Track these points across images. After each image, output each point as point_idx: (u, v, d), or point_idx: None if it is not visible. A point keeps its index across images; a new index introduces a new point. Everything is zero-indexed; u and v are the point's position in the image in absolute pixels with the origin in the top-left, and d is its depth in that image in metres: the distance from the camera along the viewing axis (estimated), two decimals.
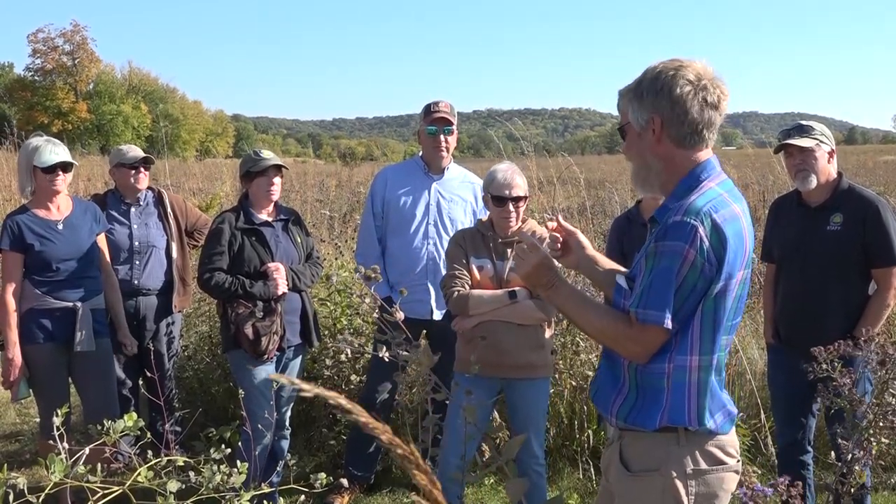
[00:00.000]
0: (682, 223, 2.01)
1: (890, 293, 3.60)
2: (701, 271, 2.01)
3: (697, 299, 2.05)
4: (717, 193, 2.09)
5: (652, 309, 2.03)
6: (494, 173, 3.72)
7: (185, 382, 5.63)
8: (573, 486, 4.66)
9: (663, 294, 2.02)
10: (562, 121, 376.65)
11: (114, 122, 67.91)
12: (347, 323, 5.33)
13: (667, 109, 2.09)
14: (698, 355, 2.10)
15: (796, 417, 3.87)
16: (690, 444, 2.13)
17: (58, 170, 4.05)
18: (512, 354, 3.63)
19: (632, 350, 2.12)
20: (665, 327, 2.03)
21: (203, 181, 15.10)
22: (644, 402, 2.14)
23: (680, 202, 2.08)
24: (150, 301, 4.80)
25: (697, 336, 2.09)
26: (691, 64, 2.11)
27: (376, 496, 4.63)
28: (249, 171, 4.10)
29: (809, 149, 3.63)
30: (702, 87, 2.08)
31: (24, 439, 5.53)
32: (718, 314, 2.09)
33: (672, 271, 2.01)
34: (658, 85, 2.10)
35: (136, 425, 2.26)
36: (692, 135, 2.11)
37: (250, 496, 2.28)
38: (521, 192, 3.68)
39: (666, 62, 2.13)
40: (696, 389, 2.11)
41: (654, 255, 2.06)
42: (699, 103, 2.08)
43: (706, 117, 2.10)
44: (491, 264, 3.72)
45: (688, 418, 2.11)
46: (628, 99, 2.18)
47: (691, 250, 1.99)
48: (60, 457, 2.00)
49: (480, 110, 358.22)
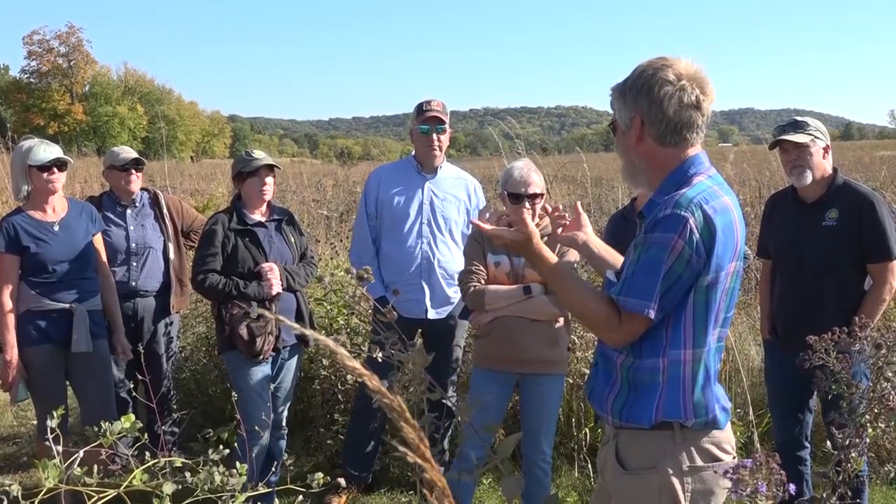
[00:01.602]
0: (673, 215, 2.02)
1: (885, 288, 3.61)
2: (688, 262, 2.01)
3: (683, 290, 2.05)
4: (708, 186, 2.09)
5: (635, 297, 2.04)
6: (511, 171, 3.73)
7: (182, 383, 5.62)
8: (571, 485, 4.66)
9: (648, 283, 2.02)
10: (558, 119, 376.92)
11: (110, 123, 67.88)
12: (344, 323, 5.33)
13: (646, 109, 2.11)
14: (692, 349, 2.10)
15: (793, 413, 3.88)
16: (686, 441, 2.13)
17: (53, 167, 4.04)
18: (527, 349, 3.64)
19: (610, 336, 2.13)
20: (647, 316, 2.03)
21: (199, 182, 15.08)
22: (637, 397, 2.14)
23: (669, 196, 2.08)
24: (147, 303, 4.80)
25: (690, 329, 2.09)
26: (675, 63, 2.11)
27: (374, 496, 4.62)
28: (241, 172, 4.09)
29: (804, 145, 3.63)
30: (680, 87, 2.08)
31: (22, 441, 5.52)
32: (710, 306, 2.09)
33: (659, 261, 2.01)
34: (639, 84, 2.11)
35: (134, 427, 2.25)
36: (671, 134, 2.12)
37: (246, 497, 2.28)
38: (537, 190, 3.68)
39: (652, 60, 2.14)
40: (690, 383, 2.12)
41: (642, 244, 2.06)
42: (676, 104, 2.08)
43: (685, 118, 2.10)
44: (508, 260, 3.73)
45: (683, 413, 2.11)
46: (616, 96, 2.20)
47: (680, 240, 2.00)
48: (55, 461, 1.99)
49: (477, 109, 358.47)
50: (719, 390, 2.20)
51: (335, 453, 4.89)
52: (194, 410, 5.28)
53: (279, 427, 4.24)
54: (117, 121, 68.33)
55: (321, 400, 5.12)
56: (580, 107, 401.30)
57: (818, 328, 3.21)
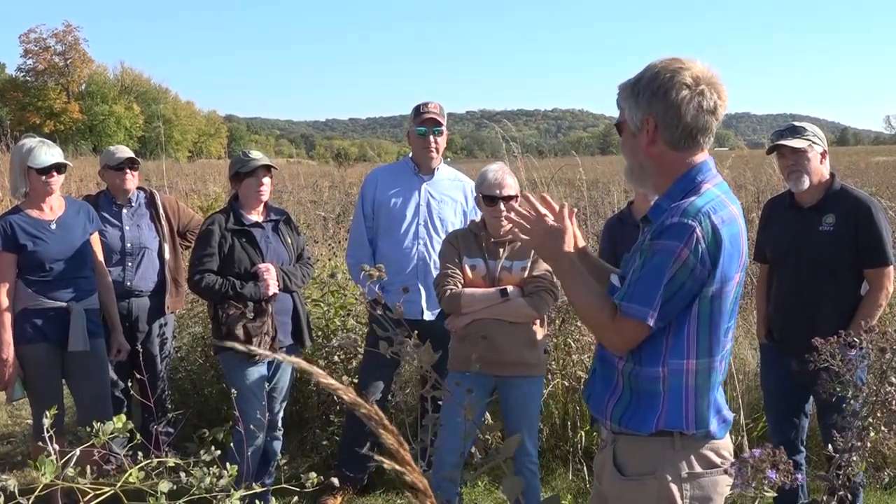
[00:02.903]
0: (681, 224, 2.00)
1: (882, 293, 3.61)
2: (692, 272, 1.99)
3: (686, 300, 2.03)
4: (716, 195, 2.08)
5: (636, 303, 2.02)
6: (485, 173, 3.76)
7: (177, 383, 5.61)
8: (566, 487, 4.66)
9: (650, 291, 2.01)
10: (555, 122, 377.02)
11: (106, 122, 67.72)
12: (341, 324, 5.33)
13: (661, 112, 2.06)
14: (695, 359, 2.08)
15: (789, 417, 3.88)
16: (686, 448, 2.12)
17: (52, 171, 4.04)
18: (505, 352, 3.65)
19: (610, 340, 2.12)
20: (647, 324, 2.01)
21: (196, 182, 15.05)
22: (639, 405, 2.12)
23: (677, 203, 2.06)
24: (142, 302, 4.79)
25: (694, 339, 2.07)
26: (691, 66, 2.06)
27: (369, 497, 4.62)
28: (238, 172, 4.09)
29: (802, 150, 3.64)
30: (699, 91, 2.04)
31: (16, 440, 5.51)
32: (714, 317, 2.07)
33: (663, 269, 1.99)
34: (655, 86, 2.06)
35: (126, 427, 2.25)
36: (686, 139, 2.09)
37: (240, 495, 2.27)
38: (511, 192, 3.70)
39: (666, 61, 2.09)
40: (693, 394, 2.10)
41: (647, 251, 2.05)
42: (695, 108, 2.04)
43: (701, 122, 2.07)
44: (483, 263, 3.73)
45: (685, 423, 2.10)
46: (625, 96, 2.14)
47: (685, 250, 1.98)
48: (51, 458, 1.99)
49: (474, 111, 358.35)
50: (721, 400, 2.18)
51: (330, 454, 4.89)
52: (190, 410, 5.27)
53: (275, 427, 4.24)
54: (113, 120, 68.17)
55: (317, 401, 5.11)
56: (577, 110, 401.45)
57: (814, 333, 3.20)
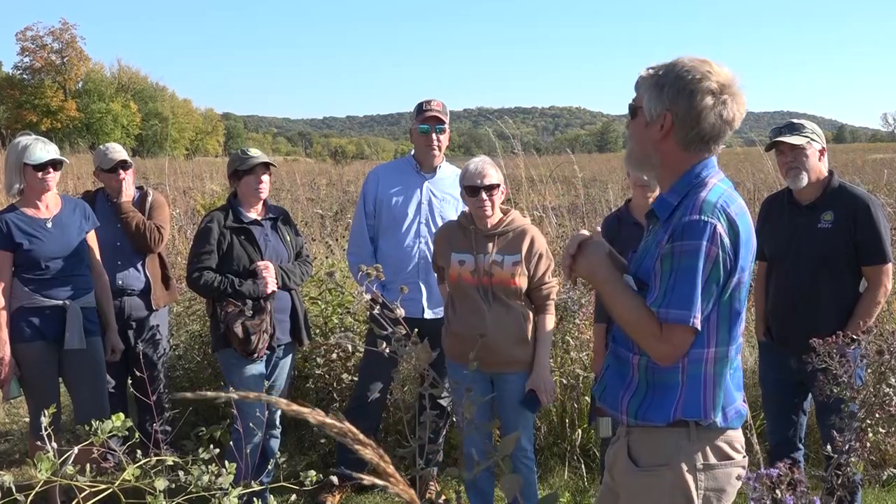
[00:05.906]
0: (699, 221, 2.01)
1: (880, 291, 3.61)
2: (723, 266, 2.02)
3: (718, 294, 2.05)
4: (723, 189, 2.10)
5: (676, 308, 2.02)
6: (467, 166, 3.78)
7: (175, 382, 5.60)
8: (564, 485, 4.66)
9: (689, 293, 2.01)
10: (552, 119, 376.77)
11: (103, 120, 67.52)
12: (339, 322, 5.32)
13: (682, 112, 2.07)
14: (715, 347, 2.10)
15: (787, 415, 3.88)
16: (701, 439, 2.13)
17: (49, 167, 4.02)
18: (497, 350, 3.66)
19: (660, 350, 2.08)
20: (692, 326, 2.02)
21: (194, 180, 15.02)
22: (655, 397, 2.14)
23: (687, 199, 2.07)
24: (134, 301, 4.77)
25: (714, 328, 2.09)
26: (718, 71, 2.06)
27: (368, 495, 4.62)
28: (237, 170, 4.09)
29: (801, 147, 3.64)
30: (722, 101, 2.05)
31: (14, 439, 5.50)
32: (734, 305, 2.10)
33: (695, 270, 2.00)
34: (681, 84, 2.06)
35: (124, 426, 2.25)
36: (698, 143, 2.11)
37: (238, 493, 2.27)
38: (493, 181, 3.70)
39: (697, 62, 2.08)
40: (711, 381, 2.11)
41: (671, 255, 2.04)
42: (715, 117, 2.06)
43: (717, 131, 2.09)
44: (472, 259, 3.74)
45: (702, 411, 2.11)
46: (648, 85, 2.13)
47: (713, 247, 2.00)
48: (49, 454, 1.98)
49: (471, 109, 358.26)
50: (737, 392, 2.19)
51: (329, 452, 4.88)
52: (188, 409, 5.26)
53: (273, 425, 4.23)
54: (111, 118, 67.97)
55: (315, 398, 5.11)
56: (574, 107, 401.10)
57: (813, 330, 3.21)
